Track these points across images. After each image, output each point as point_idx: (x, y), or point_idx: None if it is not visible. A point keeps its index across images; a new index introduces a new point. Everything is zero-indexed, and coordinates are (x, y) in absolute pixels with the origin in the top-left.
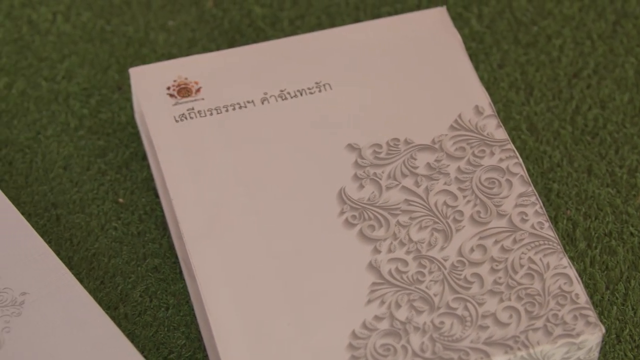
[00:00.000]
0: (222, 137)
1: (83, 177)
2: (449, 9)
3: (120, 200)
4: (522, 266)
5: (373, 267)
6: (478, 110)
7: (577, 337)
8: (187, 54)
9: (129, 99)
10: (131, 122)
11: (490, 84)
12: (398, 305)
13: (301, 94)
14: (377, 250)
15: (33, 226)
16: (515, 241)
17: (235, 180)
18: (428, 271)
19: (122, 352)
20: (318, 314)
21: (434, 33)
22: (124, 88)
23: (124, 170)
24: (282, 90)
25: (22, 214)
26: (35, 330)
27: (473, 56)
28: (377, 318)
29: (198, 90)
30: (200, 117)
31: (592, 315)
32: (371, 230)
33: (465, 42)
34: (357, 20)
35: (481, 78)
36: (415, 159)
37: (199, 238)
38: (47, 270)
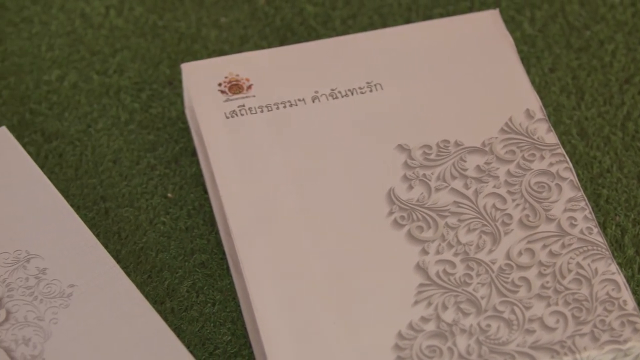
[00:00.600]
0: (272, 135)
1: (132, 171)
2: (501, 12)
3: (169, 195)
4: (570, 271)
5: (420, 268)
6: (529, 114)
7: (624, 344)
8: (239, 51)
9: (179, 94)
10: (181, 118)
11: (541, 88)
12: (445, 307)
13: (352, 94)
14: (425, 252)
15: (82, 219)
16: (563, 246)
17: (285, 177)
18: (475, 274)
19: (169, 347)
20: (365, 313)
21: (487, 36)
22: (174, 83)
23: (173, 165)
24: (333, 89)
25: (72, 206)
26: (82, 323)
27: (525, 60)
28: (424, 319)
29: (249, 87)
30: (251, 114)
31: None
32: (419, 231)
33: (517, 46)
34: (409, 21)
35: (532, 82)
36: (465, 161)
37: (247, 235)
38: (96, 263)
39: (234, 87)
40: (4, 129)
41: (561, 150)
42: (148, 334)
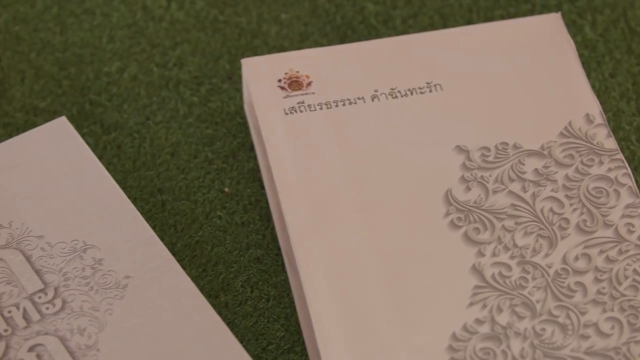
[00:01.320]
0: (331, 132)
1: (190, 164)
2: (563, 16)
3: (226, 189)
4: (626, 277)
5: (476, 270)
6: (588, 119)
7: None
8: (298, 48)
9: (238, 89)
10: (240, 113)
11: (601, 93)
12: (500, 310)
13: (412, 93)
14: (481, 254)
15: (139, 211)
16: (620, 252)
17: (343, 175)
18: (531, 277)
19: (222, 341)
20: (419, 313)
21: (548, 39)
22: (234, 78)
23: (231, 159)
24: (392, 89)
25: (129, 198)
26: (137, 314)
27: (585, 64)
28: (478, 321)
29: (309, 84)
30: (310, 111)
31: None
32: (476, 233)
33: (577, 50)
34: (469, 22)
35: (592, 86)
36: (523, 164)
37: (303, 231)
38: (152, 255)
39: (294, 83)
40: (63, 118)
41: (620, 156)
42: (202, 327)
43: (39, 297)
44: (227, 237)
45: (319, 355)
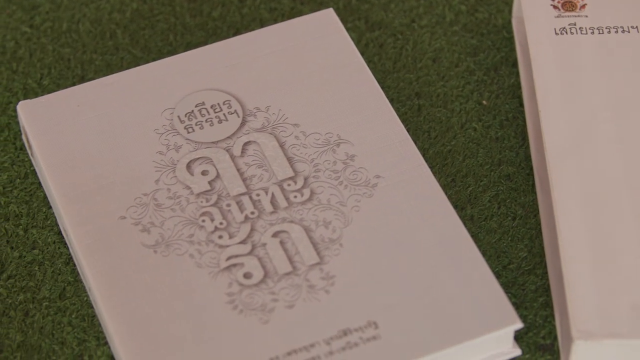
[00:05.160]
0: (599, 58)
1: (450, 72)
2: None
3: (484, 102)
4: None
5: None
6: None
7: None
8: None
9: (508, 3)
10: (507, 27)
11: None
12: None
13: None
14: None
15: (395, 112)
16: None
17: (605, 103)
18: None
19: (466, 252)
20: None
21: None
22: None
23: (492, 73)
24: None
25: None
26: (383, 214)
27: None
28: None
29: (582, 6)
30: (581, 34)
31: None
32: None
33: None
34: None
35: None
36: None
37: (561, 154)
38: (404, 158)
39: (568, 4)
40: (330, 10)
41: None
42: (447, 236)
43: (288, 185)
44: (480, 150)
45: (561, 281)
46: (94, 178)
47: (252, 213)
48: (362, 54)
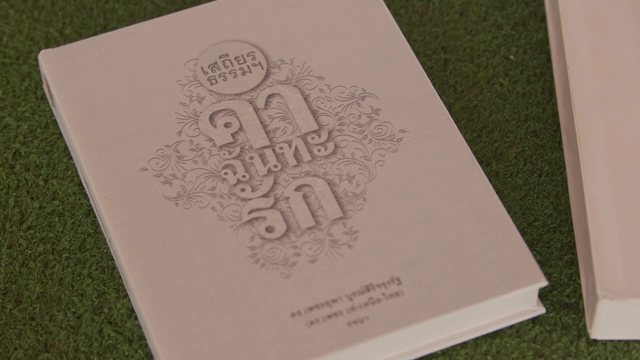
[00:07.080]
0: (630, 14)
1: (478, 26)
2: None
3: (512, 57)
4: None
5: None
6: None
7: None
8: None
9: None
10: None
11: None
12: None
13: None
14: None
15: (421, 67)
16: None
17: (635, 59)
18: None
19: (491, 208)
20: None
21: None
22: None
23: (520, 27)
24: None
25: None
26: (408, 169)
27: None
28: None
29: None
30: None
31: None
32: None
33: None
34: None
35: None
36: None
37: (589, 110)
38: (430, 112)
39: None
40: None
41: None
42: (472, 191)
43: (312, 138)
44: (507, 105)
45: (587, 240)
46: (115, 129)
47: (275, 166)
48: (389, 6)
